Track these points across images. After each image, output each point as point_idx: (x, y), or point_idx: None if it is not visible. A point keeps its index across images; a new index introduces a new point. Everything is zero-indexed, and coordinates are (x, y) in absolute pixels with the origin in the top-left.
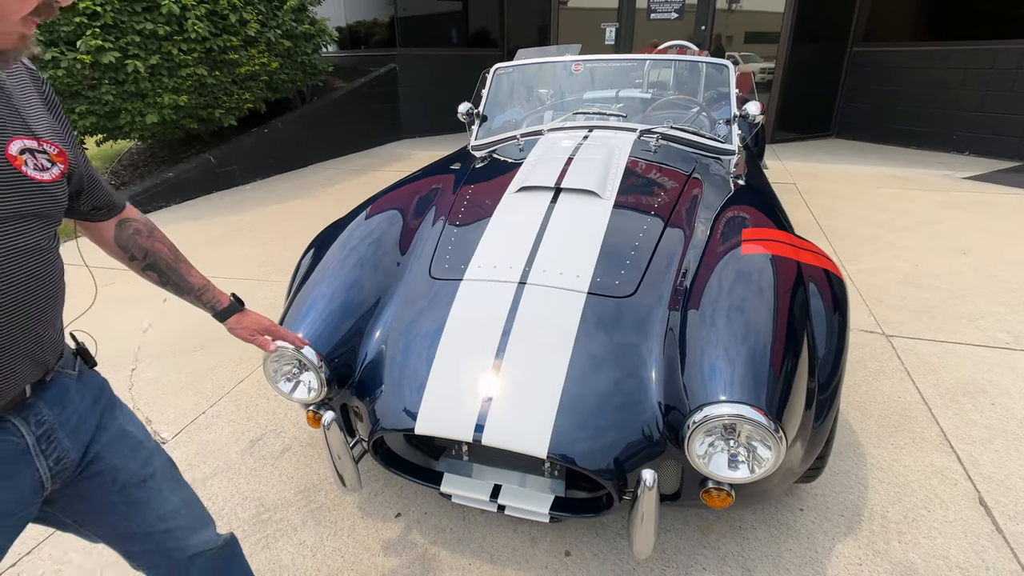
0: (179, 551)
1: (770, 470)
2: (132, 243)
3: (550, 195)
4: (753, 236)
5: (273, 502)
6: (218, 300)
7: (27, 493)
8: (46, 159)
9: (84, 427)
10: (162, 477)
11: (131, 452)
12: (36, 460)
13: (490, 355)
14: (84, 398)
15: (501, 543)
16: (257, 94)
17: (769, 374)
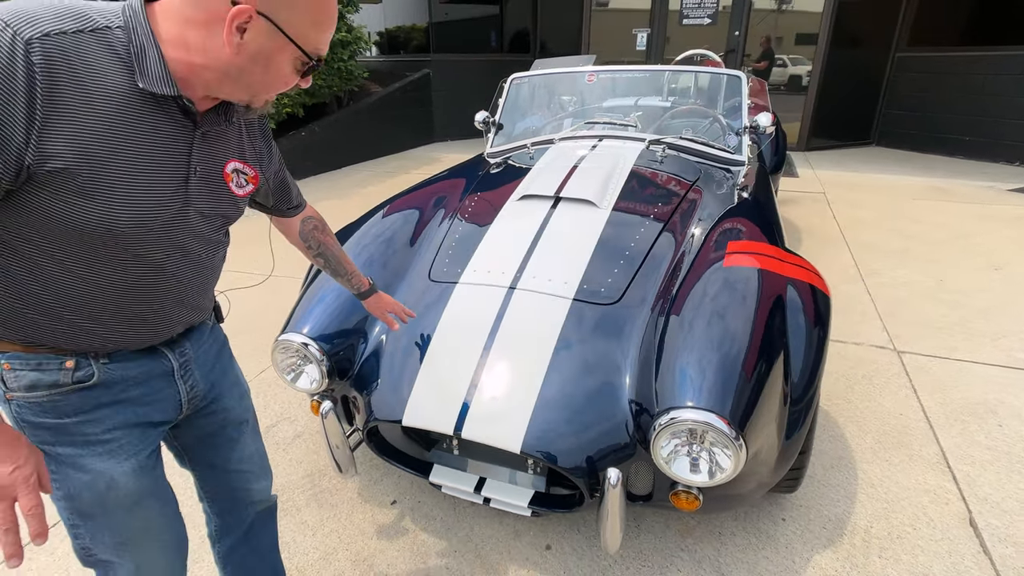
0: (242, 492)
1: (729, 476)
2: (311, 237)
3: (549, 203)
4: (740, 248)
5: (281, 484)
6: (362, 284)
7: (170, 409)
8: (245, 179)
9: (211, 368)
10: (251, 426)
11: (239, 398)
12: (178, 383)
13: (476, 355)
14: (213, 346)
15: (486, 534)
16: (295, 99)
17: (738, 383)
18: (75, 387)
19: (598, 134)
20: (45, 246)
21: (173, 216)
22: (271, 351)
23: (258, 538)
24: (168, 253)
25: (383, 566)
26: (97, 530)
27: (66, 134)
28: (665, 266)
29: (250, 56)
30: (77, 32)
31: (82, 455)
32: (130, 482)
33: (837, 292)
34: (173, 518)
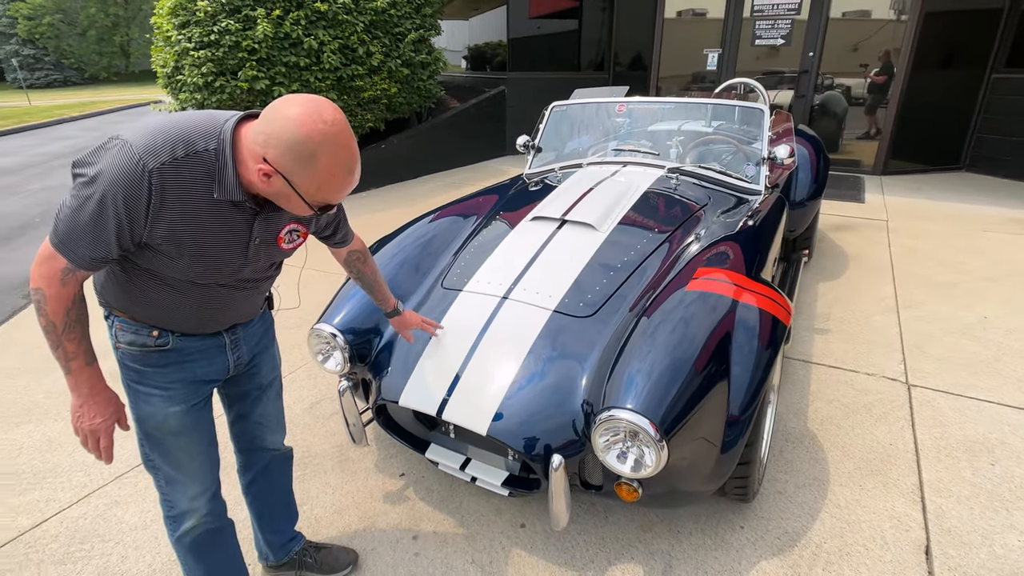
0: (260, 439)
1: (651, 472)
2: (353, 266)
3: (556, 224)
4: (705, 274)
5: (315, 451)
6: (388, 305)
7: (219, 372)
8: (297, 235)
9: (256, 343)
10: (275, 388)
11: (270, 366)
12: (228, 354)
13: (464, 352)
14: (260, 326)
15: (472, 509)
16: (377, 115)
17: (676, 394)
18: (155, 349)
19: (623, 160)
20: (148, 276)
21: (233, 271)
22: (307, 337)
23: (273, 478)
24: (226, 287)
25: (383, 524)
26: (154, 446)
27: (165, 225)
28: (651, 275)
29: (275, 192)
30: (184, 157)
31: (151, 394)
32: (178, 420)
33: (867, 323)
34: (208, 446)
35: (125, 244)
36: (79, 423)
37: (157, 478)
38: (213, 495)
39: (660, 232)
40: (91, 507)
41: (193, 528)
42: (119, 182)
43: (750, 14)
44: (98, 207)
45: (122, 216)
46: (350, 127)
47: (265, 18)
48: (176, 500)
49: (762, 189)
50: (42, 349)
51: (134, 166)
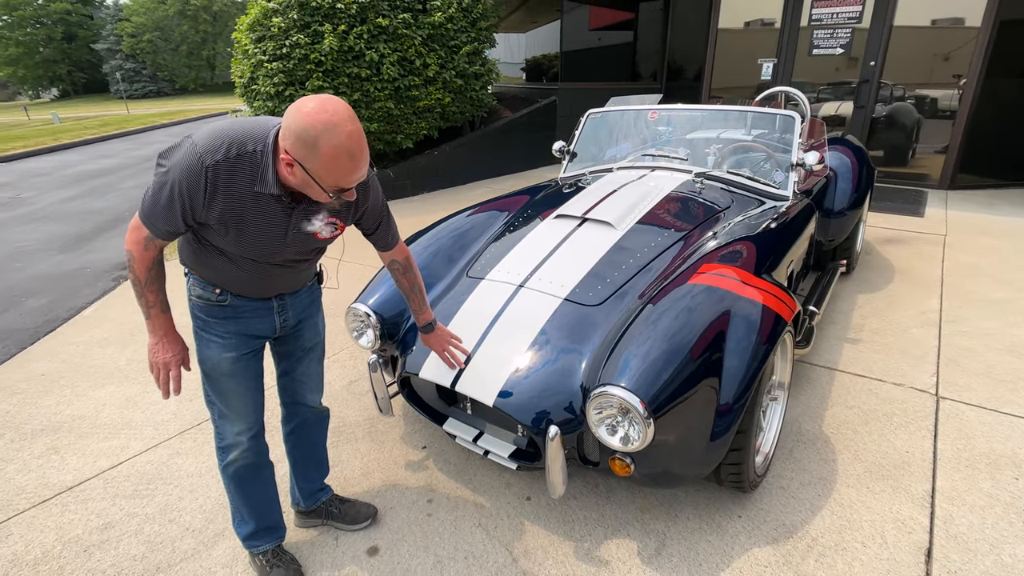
0: (300, 395)
1: (638, 447)
2: (393, 274)
3: (576, 222)
4: (710, 269)
5: (350, 421)
6: (419, 320)
7: (267, 330)
8: (334, 228)
9: (301, 310)
10: (317, 353)
11: (313, 332)
12: (275, 316)
13: (479, 332)
14: (307, 297)
15: (485, 481)
16: (431, 123)
17: (668, 378)
18: (216, 304)
19: (651, 165)
20: (211, 247)
21: (274, 252)
22: (344, 314)
23: (309, 432)
24: (272, 266)
25: (403, 487)
26: (211, 384)
27: (218, 210)
28: (662, 269)
29: (298, 181)
30: (236, 156)
31: (212, 340)
32: (230, 364)
33: (903, 335)
34: (254, 391)
35: (188, 222)
36: (154, 357)
37: (212, 412)
38: (255, 434)
39: (676, 231)
40: (157, 455)
41: (236, 460)
42: (184, 174)
43: (808, 23)
44: (170, 192)
45: (185, 200)
46: (355, 118)
47: (331, 33)
48: (225, 433)
49: (790, 195)
50: (127, 324)
51: (196, 162)
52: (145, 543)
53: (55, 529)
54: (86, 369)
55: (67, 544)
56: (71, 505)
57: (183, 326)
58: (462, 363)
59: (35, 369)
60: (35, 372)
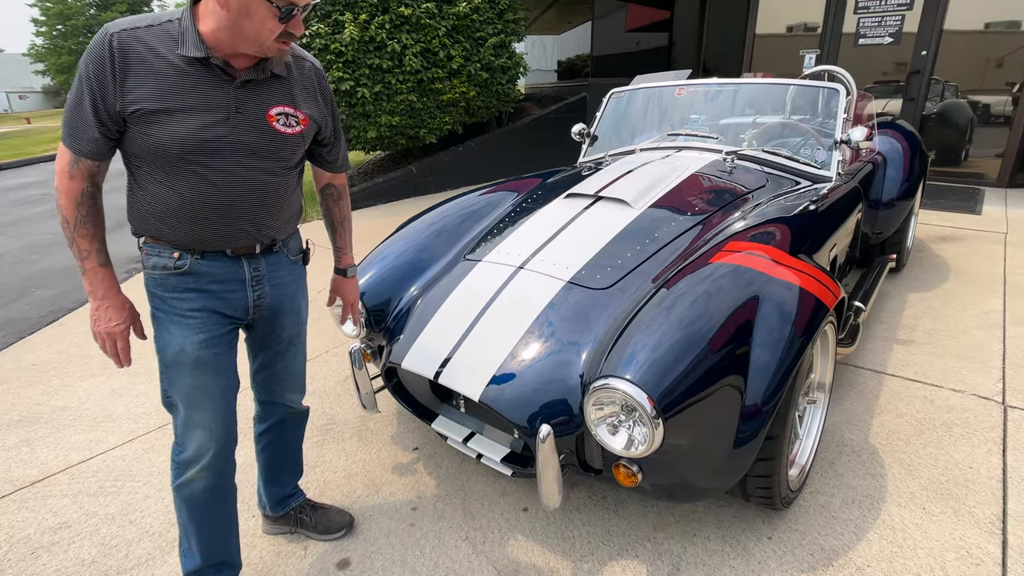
0: (278, 393)
1: (644, 452)
2: (325, 199)
3: (588, 201)
4: (737, 248)
5: (340, 419)
6: (340, 261)
7: (239, 308)
8: (295, 120)
9: (281, 290)
10: (298, 348)
11: (294, 324)
12: (248, 290)
13: (469, 319)
14: (289, 275)
15: (477, 488)
16: (456, 118)
17: (682, 372)
18: (175, 271)
19: (678, 145)
20: (147, 169)
21: (219, 144)
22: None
23: (285, 433)
24: (224, 176)
25: (386, 493)
26: (171, 379)
27: (135, 94)
28: (682, 250)
29: (236, 9)
30: (148, 27)
31: (172, 321)
32: (195, 351)
33: (962, 337)
34: (224, 392)
35: (103, 118)
36: (96, 327)
37: (175, 417)
38: (222, 450)
39: (700, 212)
40: (132, 450)
41: (193, 480)
42: (89, 56)
43: (854, 10)
44: (78, 86)
45: (94, 86)
46: None
47: (352, 22)
48: (186, 443)
49: (833, 176)
50: None
51: (100, 38)
52: (99, 546)
53: (6, 528)
54: (78, 359)
55: (14, 545)
56: (30, 502)
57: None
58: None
59: (28, 359)
60: (27, 362)
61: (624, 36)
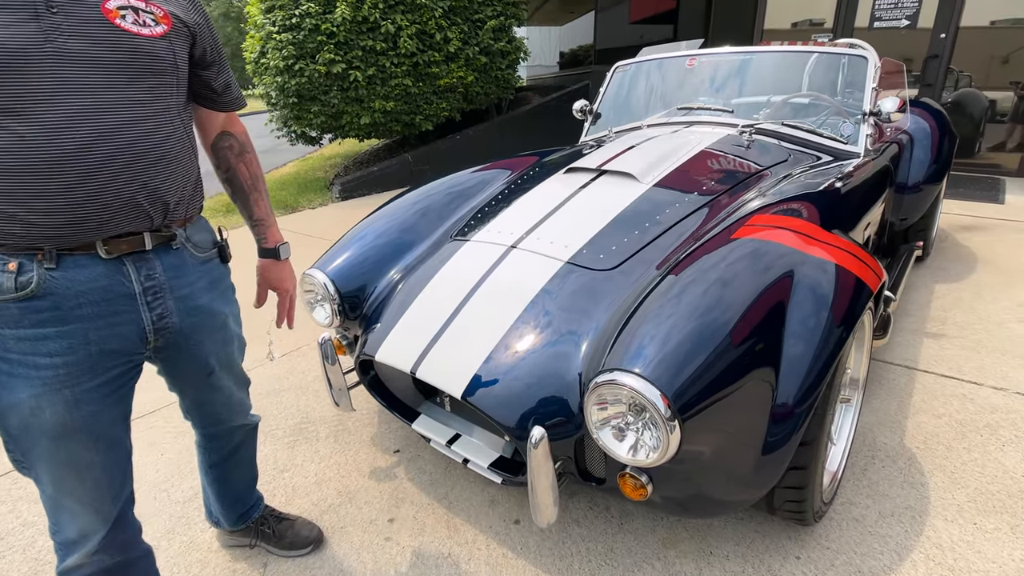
0: (225, 421)
1: (656, 460)
2: (223, 155)
3: (590, 176)
4: (763, 222)
5: (315, 418)
6: (265, 239)
7: (132, 337)
8: (150, 18)
9: (191, 302)
10: (232, 370)
11: (222, 343)
12: (141, 309)
13: (452, 305)
14: (201, 279)
15: (463, 496)
16: (453, 104)
17: (700, 366)
18: (18, 296)
19: (689, 120)
20: None
21: (34, 58)
22: (300, 280)
23: (241, 454)
24: (57, 111)
25: (362, 502)
26: (24, 449)
27: None
28: (688, 234)
29: None
30: None
31: (12, 373)
32: (59, 413)
33: (998, 330)
34: (109, 459)
35: None
36: None
37: (39, 488)
38: (115, 524)
39: (715, 188)
40: None
41: (82, 566)
42: None
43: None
44: None
45: None
46: None
47: (344, 1)
48: (61, 524)
49: (861, 151)
50: None
51: None
52: (32, 561)
53: None
54: None
55: None
56: None
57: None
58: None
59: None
60: None
61: (628, 28)
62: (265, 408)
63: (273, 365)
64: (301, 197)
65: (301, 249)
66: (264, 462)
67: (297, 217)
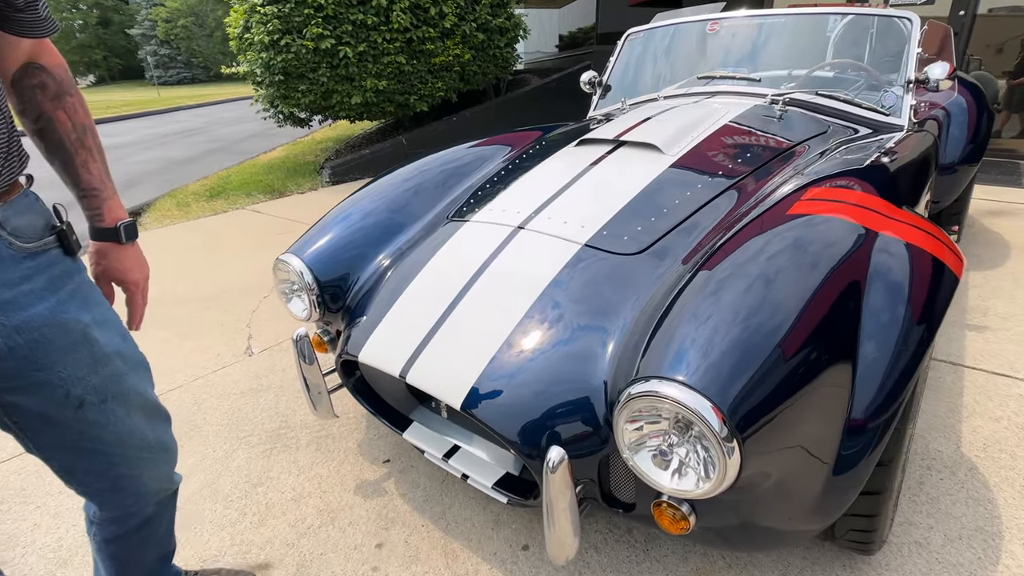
0: (127, 480)
1: (711, 491)
2: (30, 96)
3: (606, 148)
4: (823, 195)
5: (295, 422)
6: (102, 216)
7: None
8: None
9: (22, 312)
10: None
11: (91, 364)
12: None
13: (451, 295)
14: (30, 279)
15: (463, 516)
16: (449, 84)
17: (757, 372)
18: None
19: (710, 90)
20: None
21: None
22: (272, 267)
23: (153, 527)
24: None
25: (344, 523)
26: None
27: None
28: (718, 219)
29: None
30: None
31: None
32: None
33: None
34: None
35: None
36: None
37: None
38: None
39: (750, 163)
40: (28, 463)
41: None
42: None
43: None
44: None
45: None
46: None
47: None
48: None
49: (905, 123)
50: None
51: None
52: None
53: None
54: None
55: None
56: None
57: None
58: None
59: None
60: None
61: (630, 11)
62: (240, 410)
63: (251, 361)
64: (289, 181)
65: (287, 237)
66: (236, 475)
67: (284, 202)
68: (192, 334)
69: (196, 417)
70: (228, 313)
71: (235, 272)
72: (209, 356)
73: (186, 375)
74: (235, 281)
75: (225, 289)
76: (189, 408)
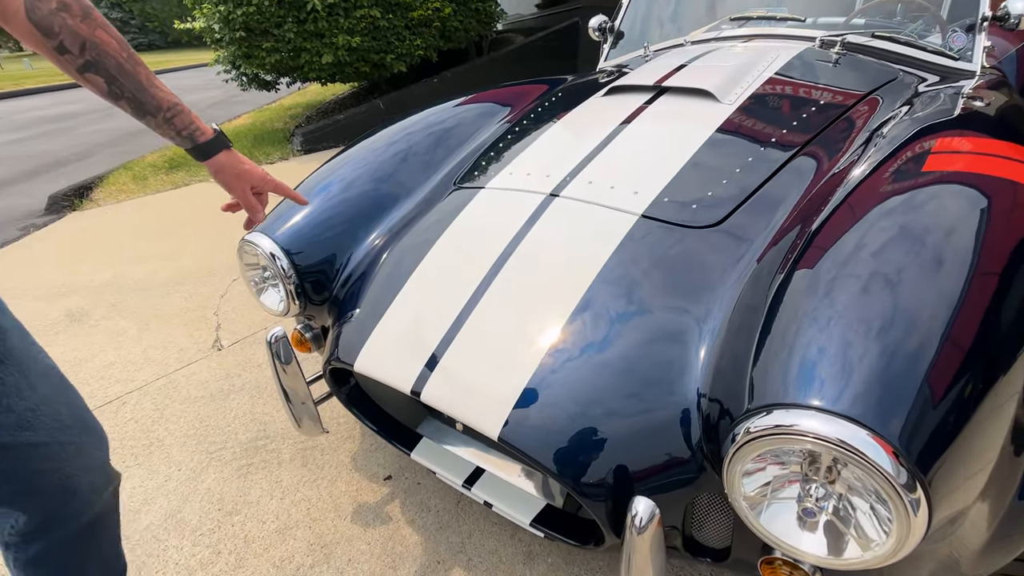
0: (49, 475)
1: (882, 557)
2: (57, 23)
3: (645, 97)
4: (959, 147)
5: (275, 431)
6: (198, 129)
7: None
8: None
9: None
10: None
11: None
12: None
13: (473, 283)
14: None
15: (488, 547)
16: (429, 41)
17: (922, 390)
18: None
19: (745, 33)
20: None
21: None
22: (237, 250)
23: (92, 541)
24: None
25: (341, 561)
26: None
27: None
28: (814, 172)
29: None
30: None
31: None
32: None
33: None
34: None
35: None
36: None
37: None
38: None
39: (824, 114)
40: None
41: None
42: None
43: None
44: None
45: None
46: None
47: None
48: None
49: (977, 69)
50: (14, 284)
51: None
52: None
53: None
54: None
55: None
56: None
57: None
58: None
59: None
60: None
61: None
62: (210, 417)
63: (221, 356)
64: (257, 151)
65: None
66: (206, 500)
67: None
68: (152, 325)
69: (157, 427)
70: (192, 299)
71: (199, 252)
72: (172, 351)
73: (145, 375)
74: (200, 263)
75: (189, 272)
76: (149, 415)
